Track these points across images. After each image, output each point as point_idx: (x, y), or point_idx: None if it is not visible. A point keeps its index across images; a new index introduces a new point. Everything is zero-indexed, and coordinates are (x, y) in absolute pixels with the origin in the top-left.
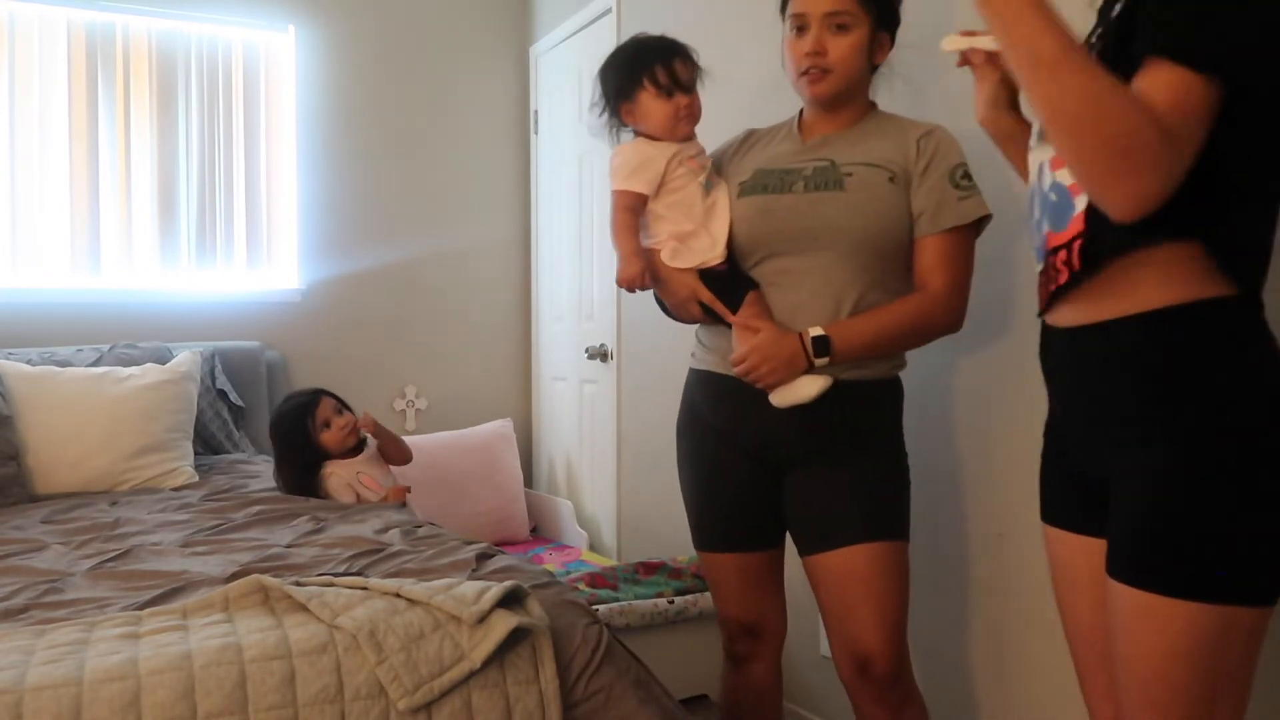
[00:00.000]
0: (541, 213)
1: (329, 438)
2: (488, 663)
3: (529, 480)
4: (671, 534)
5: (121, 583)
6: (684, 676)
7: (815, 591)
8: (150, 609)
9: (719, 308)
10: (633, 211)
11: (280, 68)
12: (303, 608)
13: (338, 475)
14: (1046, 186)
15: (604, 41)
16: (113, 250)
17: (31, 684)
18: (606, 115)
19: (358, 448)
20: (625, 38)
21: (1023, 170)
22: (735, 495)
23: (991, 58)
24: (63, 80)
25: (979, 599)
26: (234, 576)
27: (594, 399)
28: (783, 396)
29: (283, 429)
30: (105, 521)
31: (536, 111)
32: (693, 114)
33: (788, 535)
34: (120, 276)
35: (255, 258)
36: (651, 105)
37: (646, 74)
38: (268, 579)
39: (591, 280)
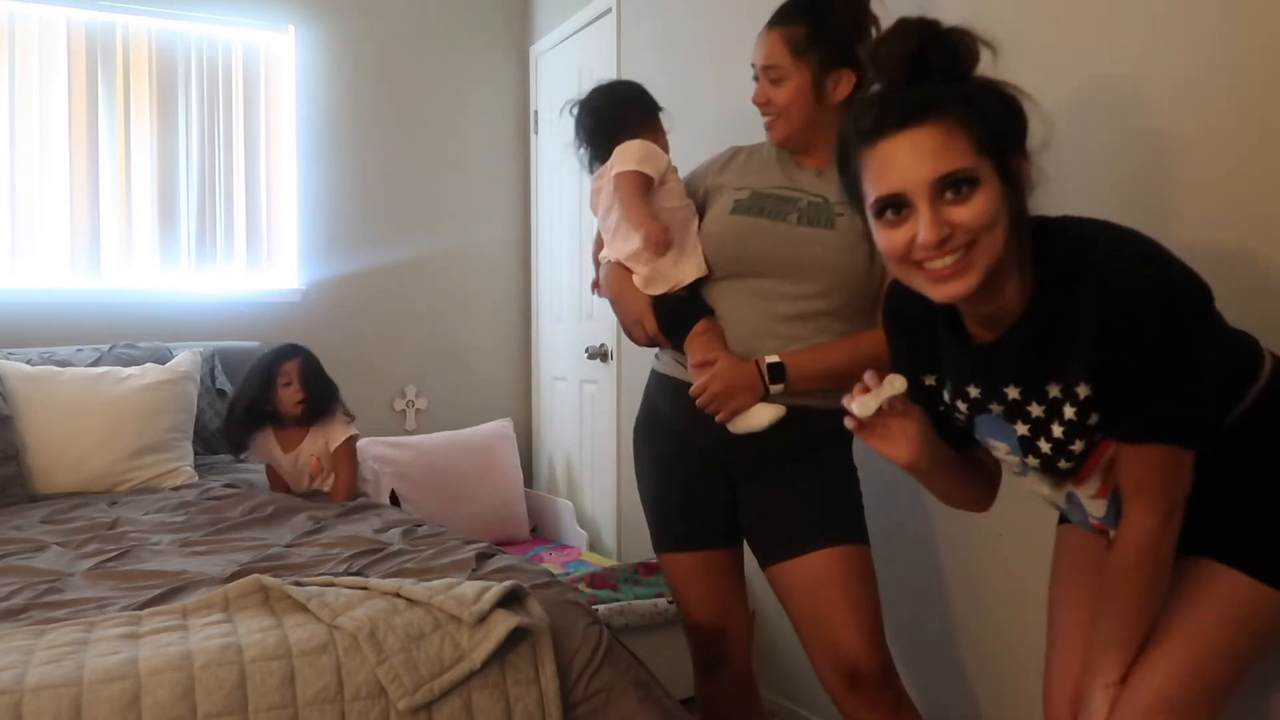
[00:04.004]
0: (541, 213)
1: (284, 394)
2: (488, 663)
3: (529, 480)
4: None
5: (121, 582)
6: (684, 676)
7: (784, 602)
8: (150, 609)
9: (660, 340)
10: (644, 188)
11: (280, 68)
12: (303, 608)
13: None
14: (1109, 499)
15: (604, 41)
16: (113, 250)
17: (31, 684)
18: (592, 150)
19: (303, 420)
20: (625, 38)
21: (951, 497)
22: (692, 495)
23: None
24: (63, 80)
25: (976, 599)
26: (234, 576)
27: (594, 399)
28: (737, 424)
29: (251, 368)
30: (105, 521)
31: (536, 111)
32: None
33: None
34: (120, 276)
35: (255, 258)
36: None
37: (651, 119)
38: (268, 579)
39: (591, 280)
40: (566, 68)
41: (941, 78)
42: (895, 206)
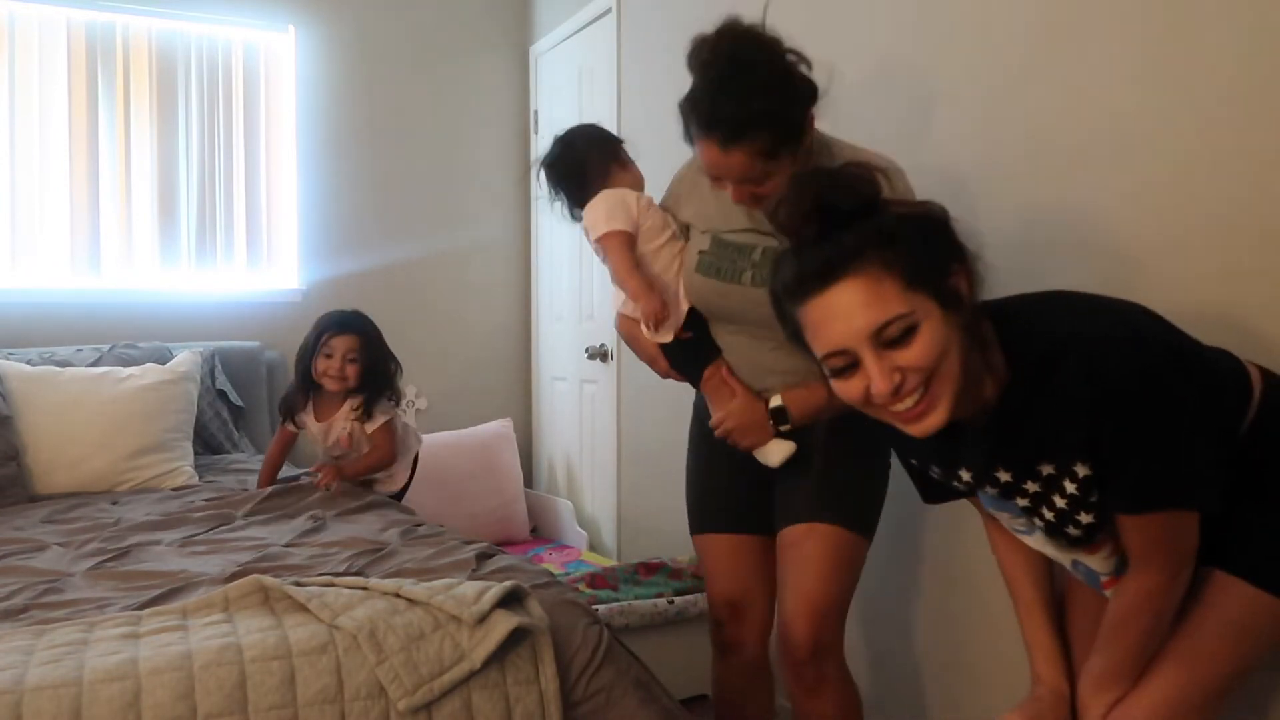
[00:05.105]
0: (541, 213)
1: (321, 365)
2: (488, 663)
3: (529, 480)
4: (671, 534)
5: (121, 583)
6: (684, 676)
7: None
8: (150, 609)
9: (676, 377)
10: (627, 249)
11: (280, 68)
12: (303, 608)
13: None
14: (1109, 561)
15: (604, 41)
16: (113, 250)
17: (31, 684)
18: (568, 199)
19: (341, 393)
20: (625, 38)
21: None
22: (734, 485)
23: None
24: (63, 80)
25: (968, 601)
26: (234, 576)
27: (594, 399)
28: (755, 454)
29: (307, 336)
30: (105, 521)
31: (536, 111)
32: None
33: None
34: (120, 276)
35: (255, 258)
36: (622, 176)
37: (613, 156)
38: (268, 579)
39: (591, 280)
40: (566, 68)
41: (851, 218)
42: (843, 361)
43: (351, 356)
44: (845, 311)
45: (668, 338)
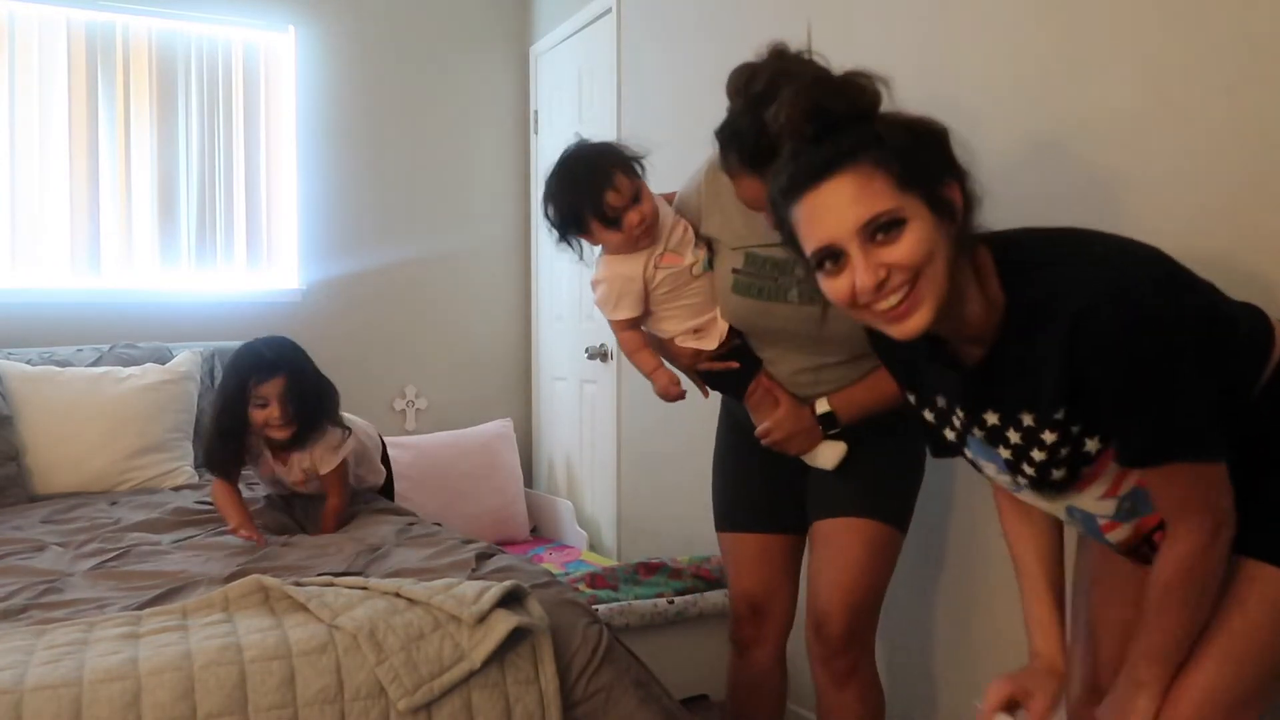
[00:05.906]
0: (541, 212)
1: (260, 416)
2: (488, 663)
3: (529, 480)
4: (671, 534)
5: (121, 583)
6: (684, 676)
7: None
8: (150, 609)
9: (706, 393)
10: (635, 330)
11: (280, 68)
12: (303, 608)
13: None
14: (1120, 496)
15: (604, 41)
16: (113, 250)
17: (31, 684)
18: (566, 238)
19: (291, 444)
20: (625, 38)
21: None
22: (759, 481)
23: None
24: (63, 80)
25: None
26: (233, 576)
27: (594, 399)
28: (805, 459)
29: (224, 378)
30: (105, 521)
31: (536, 111)
32: (646, 226)
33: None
34: (120, 276)
35: (255, 258)
36: (604, 236)
37: (589, 211)
38: (267, 579)
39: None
40: (566, 68)
41: (847, 125)
42: (831, 257)
43: (287, 397)
44: (835, 206)
45: (713, 345)
